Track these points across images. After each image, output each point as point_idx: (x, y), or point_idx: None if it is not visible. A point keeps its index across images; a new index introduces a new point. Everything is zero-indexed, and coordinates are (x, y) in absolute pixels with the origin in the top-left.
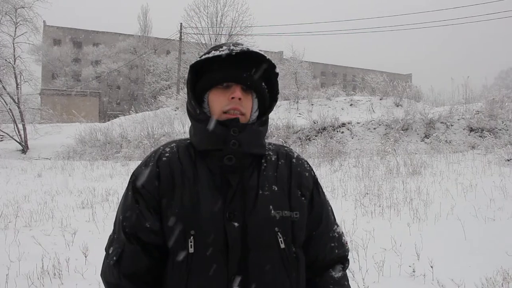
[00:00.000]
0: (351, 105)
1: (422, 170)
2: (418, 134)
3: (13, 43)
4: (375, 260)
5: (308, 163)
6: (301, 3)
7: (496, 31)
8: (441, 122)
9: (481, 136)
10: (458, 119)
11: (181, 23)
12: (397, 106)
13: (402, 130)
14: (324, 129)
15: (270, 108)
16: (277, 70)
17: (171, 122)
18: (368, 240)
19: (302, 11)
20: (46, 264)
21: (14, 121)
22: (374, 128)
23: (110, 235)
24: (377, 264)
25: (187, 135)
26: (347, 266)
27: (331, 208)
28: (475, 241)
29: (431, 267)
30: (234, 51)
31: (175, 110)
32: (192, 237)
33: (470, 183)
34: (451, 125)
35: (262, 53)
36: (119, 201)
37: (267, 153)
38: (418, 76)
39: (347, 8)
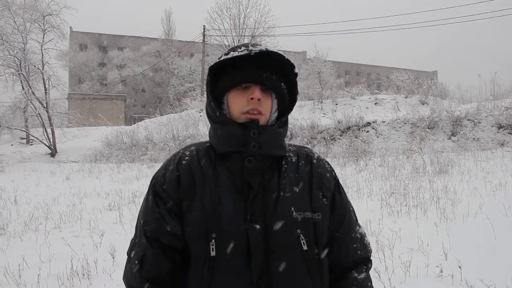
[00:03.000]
0: (376, 104)
1: (449, 169)
2: (444, 132)
3: (42, 50)
4: (401, 260)
5: (328, 164)
6: (324, 1)
7: None
8: (468, 120)
9: (510, 133)
10: (486, 116)
11: (204, 26)
12: (423, 104)
13: (428, 128)
14: (349, 128)
15: (289, 108)
16: (296, 70)
17: (196, 124)
18: (394, 240)
19: (325, 10)
20: (75, 265)
21: (43, 126)
22: (400, 127)
23: (132, 239)
24: (404, 264)
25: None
26: (370, 267)
27: (353, 208)
28: (505, 240)
29: (459, 267)
30: (252, 52)
31: (200, 112)
32: (213, 240)
33: (500, 182)
34: (479, 122)
35: (281, 53)
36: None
37: (287, 154)
38: (444, 73)
39: (370, 6)
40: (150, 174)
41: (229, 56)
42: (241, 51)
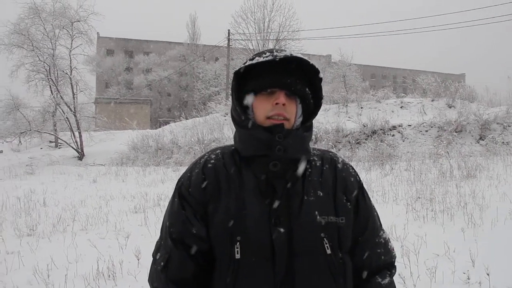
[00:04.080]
0: (401, 107)
1: (477, 173)
2: (472, 136)
3: (70, 55)
4: (427, 266)
5: (353, 168)
6: (349, 5)
7: None
8: (498, 123)
9: None
10: None
11: (228, 30)
12: (450, 107)
13: (456, 132)
14: (374, 132)
15: (314, 113)
16: (321, 75)
17: (221, 127)
18: (419, 245)
19: (350, 13)
20: (101, 266)
21: (71, 129)
22: (426, 131)
23: (157, 241)
24: (429, 270)
25: None
26: (394, 273)
27: (377, 213)
28: None
29: (488, 274)
30: (277, 57)
31: (225, 116)
32: (238, 243)
33: None
34: (508, 126)
35: (306, 58)
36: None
37: (311, 158)
38: (472, 75)
39: (395, 8)
40: (175, 178)
41: (254, 61)
42: (266, 57)
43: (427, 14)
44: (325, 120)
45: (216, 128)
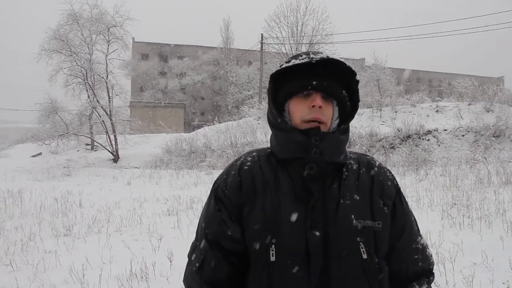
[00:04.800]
0: (437, 111)
1: None
2: (511, 141)
3: (106, 60)
4: (463, 274)
5: (390, 172)
6: (382, 8)
7: None
8: None
9: None
10: None
11: (262, 34)
12: (488, 111)
13: (494, 137)
14: (408, 137)
15: (350, 116)
16: (358, 77)
17: (254, 131)
18: (456, 253)
19: (383, 16)
20: (134, 267)
21: (107, 132)
22: (463, 135)
23: (193, 242)
24: (466, 279)
25: (269, 144)
26: (432, 280)
27: (415, 218)
28: None
29: None
30: (313, 60)
31: (258, 120)
32: (273, 246)
33: None
34: None
35: (342, 60)
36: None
37: (348, 161)
38: (511, 78)
39: (430, 11)
40: (208, 181)
41: (290, 63)
42: (302, 59)
43: (462, 17)
44: (358, 125)
45: (249, 132)
